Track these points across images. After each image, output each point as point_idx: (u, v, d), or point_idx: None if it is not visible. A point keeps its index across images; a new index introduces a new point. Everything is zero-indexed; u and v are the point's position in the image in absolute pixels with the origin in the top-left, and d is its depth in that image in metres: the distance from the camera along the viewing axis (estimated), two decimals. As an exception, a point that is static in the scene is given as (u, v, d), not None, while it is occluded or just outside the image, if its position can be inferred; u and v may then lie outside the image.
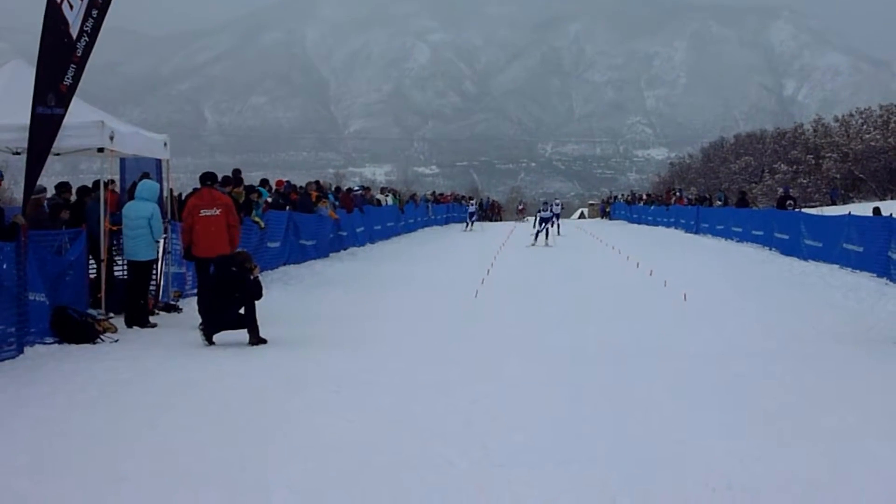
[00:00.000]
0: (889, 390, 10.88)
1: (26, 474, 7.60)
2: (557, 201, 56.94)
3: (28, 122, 14.24)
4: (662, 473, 7.60)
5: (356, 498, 7.06)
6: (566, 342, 14.19)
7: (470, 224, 58.68)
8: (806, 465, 7.84)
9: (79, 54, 14.74)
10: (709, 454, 8.12)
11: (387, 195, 50.96)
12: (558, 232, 46.93)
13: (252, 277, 14.19)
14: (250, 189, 24.37)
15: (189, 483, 7.37)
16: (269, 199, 27.04)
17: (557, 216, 49.09)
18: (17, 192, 17.29)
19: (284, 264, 26.18)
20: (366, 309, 18.33)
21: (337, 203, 35.28)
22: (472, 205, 65.24)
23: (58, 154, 16.53)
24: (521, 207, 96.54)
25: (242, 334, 13.91)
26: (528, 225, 56.62)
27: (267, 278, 20.71)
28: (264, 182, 28.51)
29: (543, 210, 41.97)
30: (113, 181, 19.02)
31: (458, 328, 15.75)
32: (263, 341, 13.86)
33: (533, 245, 39.15)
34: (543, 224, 40.89)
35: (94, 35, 14.89)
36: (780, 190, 49.56)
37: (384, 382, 11.11)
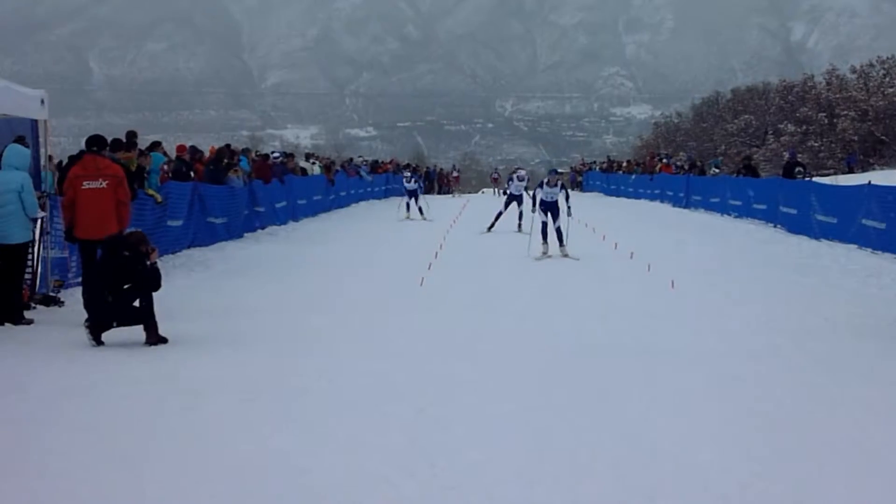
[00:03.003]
0: (915, 394, 11.00)
1: None
2: (522, 173, 39.55)
3: None
4: (647, 497, 7.63)
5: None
6: (530, 340, 14.23)
7: (410, 208, 44.53)
8: (816, 482, 7.91)
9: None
10: (704, 472, 8.18)
11: (313, 163, 50.80)
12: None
13: (149, 263, 14.11)
14: (142, 154, 24.06)
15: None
16: (165, 167, 26.83)
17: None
18: None
19: (189, 247, 26.11)
20: (287, 300, 18.29)
21: (250, 172, 35.14)
22: (413, 179, 47.23)
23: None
24: (495, 177, 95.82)
25: (138, 332, 13.83)
26: (485, 198, 56.17)
27: (167, 264, 20.62)
28: (156, 145, 28.06)
29: (517, 180, 35.78)
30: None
31: (399, 323, 15.73)
32: (164, 340, 13.79)
33: (488, 231, 33.59)
34: (511, 201, 34.50)
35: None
36: (787, 155, 49.95)
37: (309, 388, 11.11)
